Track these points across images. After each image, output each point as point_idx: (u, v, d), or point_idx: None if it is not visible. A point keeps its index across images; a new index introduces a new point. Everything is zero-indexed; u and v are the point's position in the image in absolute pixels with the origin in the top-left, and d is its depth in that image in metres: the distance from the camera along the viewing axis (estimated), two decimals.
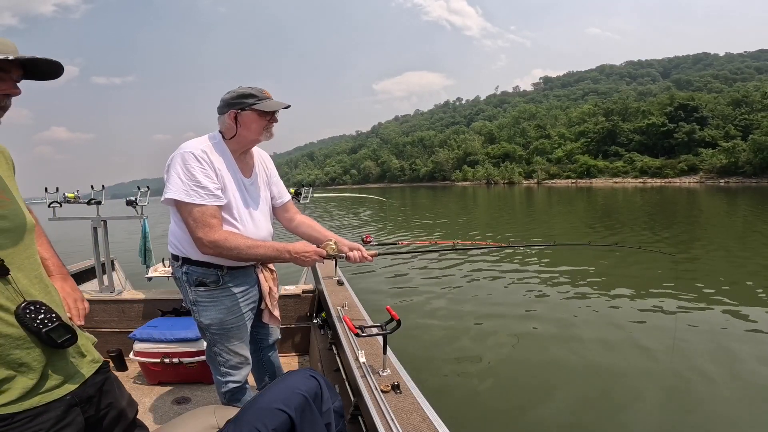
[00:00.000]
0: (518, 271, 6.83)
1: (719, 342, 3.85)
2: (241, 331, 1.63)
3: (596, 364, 3.51)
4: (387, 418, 1.13)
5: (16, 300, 0.85)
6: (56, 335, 0.87)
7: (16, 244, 0.89)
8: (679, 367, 3.39)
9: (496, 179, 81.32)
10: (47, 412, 0.87)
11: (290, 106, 1.59)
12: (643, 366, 3.44)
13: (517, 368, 3.52)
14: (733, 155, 52.35)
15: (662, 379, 3.21)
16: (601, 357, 3.63)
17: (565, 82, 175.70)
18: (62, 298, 1.03)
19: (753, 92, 64.72)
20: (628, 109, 76.40)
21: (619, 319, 4.50)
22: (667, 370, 3.34)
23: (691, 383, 3.14)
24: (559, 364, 3.54)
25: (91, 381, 0.99)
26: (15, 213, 0.91)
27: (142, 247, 3.15)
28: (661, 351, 3.67)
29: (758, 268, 6.69)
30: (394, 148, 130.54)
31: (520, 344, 3.96)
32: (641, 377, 3.26)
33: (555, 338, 4.05)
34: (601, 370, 3.42)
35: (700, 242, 9.47)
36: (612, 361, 3.55)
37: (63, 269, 1.16)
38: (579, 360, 3.59)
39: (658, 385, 3.13)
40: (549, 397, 3.05)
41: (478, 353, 3.80)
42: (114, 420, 1.04)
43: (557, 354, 3.71)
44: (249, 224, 1.57)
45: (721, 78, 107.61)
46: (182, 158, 1.43)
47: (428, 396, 1.23)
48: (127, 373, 2.57)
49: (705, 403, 2.91)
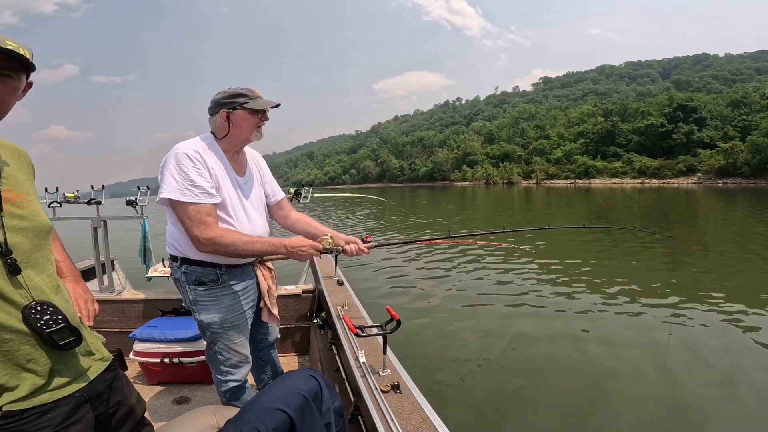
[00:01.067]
0: (518, 270, 6.84)
1: (714, 342, 3.87)
2: (241, 330, 1.64)
3: (596, 364, 3.52)
4: (387, 418, 1.13)
5: (26, 299, 0.87)
6: (58, 337, 0.88)
7: (33, 244, 0.91)
8: (672, 366, 3.40)
9: (495, 179, 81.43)
10: (56, 409, 0.88)
11: (280, 105, 1.60)
12: (643, 366, 3.45)
13: (517, 368, 3.53)
14: (732, 156, 52.49)
15: (659, 380, 3.22)
16: (601, 357, 3.63)
17: (565, 82, 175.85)
18: (74, 300, 1.05)
19: (752, 93, 64.87)
20: (627, 110, 76.58)
21: (618, 319, 4.51)
22: (666, 371, 3.35)
23: (683, 384, 3.15)
24: (559, 363, 3.55)
25: (101, 378, 1.00)
26: (34, 214, 0.93)
27: (142, 247, 3.15)
28: (658, 351, 3.69)
29: (753, 268, 6.71)
30: (394, 148, 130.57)
31: (520, 344, 3.97)
32: (640, 377, 3.27)
33: (555, 338, 4.06)
34: (601, 370, 3.42)
35: (698, 242, 9.50)
36: (612, 361, 3.56)
37: (75, 271, 1.18)
38: (580, 360, 3.60)
39: (657, 384, 3.14)
40: (549, 396, 3.05)
41: (479, 353, 3.80)
42: (123, 417, 1.06)
43: (558, 354, 3.72)
44: (245, 222, 1.58)
45: (720, 79, 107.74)
46: (176, 158, 1.45)
47: (428, 396, 1.23)
48: (127, 373, 2.54)
49: (698, 403, 2.92)
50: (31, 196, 0.95)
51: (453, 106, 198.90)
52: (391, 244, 1.76)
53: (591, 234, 10.22)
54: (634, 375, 3.32)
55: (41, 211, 0.97)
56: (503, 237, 9.63)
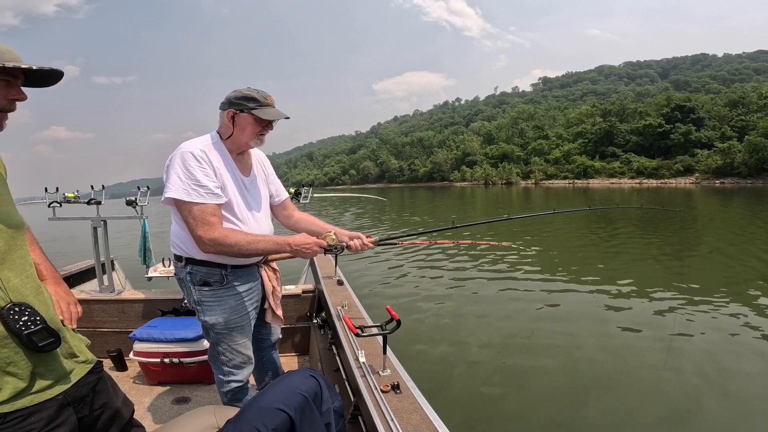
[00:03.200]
0: (519, 271, 6.85)
1: (714, 343, 3.88)
2: (245, 331, 1.64)
3: (597, 363, 3.53)
4: (387, 418, 1.13)
5: (3, 300, 0.86)
6: (37, 338, 0.87)
7: (8, 245, 0.90)
8: (675, 366, 3.41)
9: (494, 180, 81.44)
10: (39, 412, 0.88)
11: (289, 118, 1.59)
12: (644, 366, 3.46)
13: (517, 368, 3.54)
14: (729, 156, 52.51)
15: (660, 380, 3.23)
16: (602, 356, 3.64)
17: (564, 82, 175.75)
18: (55, 302, 1.04)
19: (750, 93, 64.94)
20: (626, 110, 76.64)
21: (618, 318, 4.52)
22: (664, 370, 3.36)
23: (685, 384, 3.16)
24: (559, 363, 3.56)
25: (84, 381, 0.99)
26: (7, 214, 0.93)
27: (142, 247, 3.15)
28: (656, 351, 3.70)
29: (747, 269, 6.73)
30: (393, 149, 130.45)
31: (520, 344, 3.98)
32: (641, 376, 3.28)
33: (555, 338, 4.07)
34: (602, 369, 3.43)
35: (695, 240, 9.52)
36: (612, 360, 3.57)
37: (56, 273, 1.17)
38: (580, 359, 3.60)
39: (657, 384, 3.15)
40: (549, 396, 3.06)
41: (479, 353, 3.81)
42: (109, 420, 1.05)
43: (558, 354, 3.73)
44: (250, 222, 1.58)
45: (719, 79, 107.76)
46: (181, 158, 1.44)
47: (428, 396, 1.23)
48: (127, 373, 2.58)
49: (698, 405, 2.93)
50: (3, 196, 0.95)
51: (452, 107, 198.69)
52: (395, 238, 1.75)
53: (591, 234, 10.24)
54: (634, 374, 3.33)
55: (15, 211, 0.96)
56: (505, 237, 9.65)
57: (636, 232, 11.18)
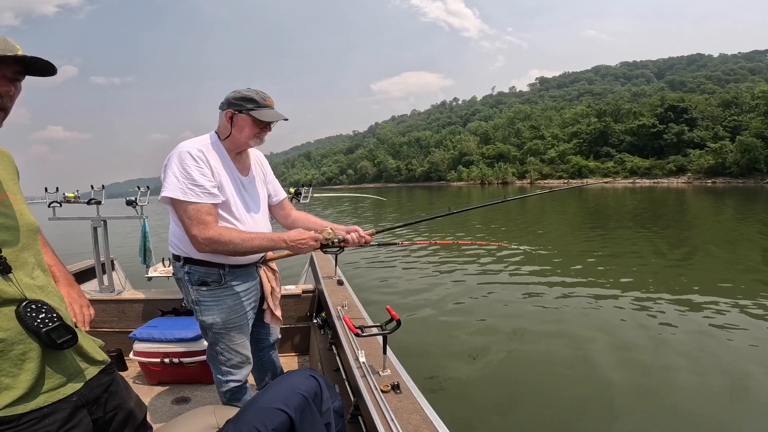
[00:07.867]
0: (519, 271, 6.88)
1: (701, 340, 3.92)
2: (243, 331, 1.64)
3: (597, 362, 3.54)
4: (387, 418, 1.13)
5: (18, 297, 0.86)
6: (56, 335, 0.87)
7: (22, 243, 0.91)
8: (664, 363, 3.46)
9: (490, 179, 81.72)
10: (54, 414, 0.87)
11: (288, 120, 1.59)
12: (644, 365, 3.49)
13: (517, 368, 3.55)
14: (721, 156, 52.85)
15: (658, 379, 3.27)
16: (602, 355, 3.66)
17: (561, 82, 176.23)
18: (68, 304, 1.04)
19: (743, 93, 65.33)
20: (620, 110, 77.04)
21: (615, 318, 4.56)
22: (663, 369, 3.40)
23: (674, 381, 3.20)
24: (559, 363, 3.58)
25: (97, 381, 0.99)
26: (21, 213, 0.93)
27: (142, 247, 3.14)
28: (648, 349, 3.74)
29: (740, 269, 6.80)
30: (391, 149, 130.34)
31: (520, 344, 3.99)
32: (641, 375, 3.30)
33: (554, 338, 4.09)
34: (602, 368, 3.44)
35: (688, 238, 9.60)
36: (613, 359, 3.59)
37: (69, 276, 1.17)
38: (578, 359, 3.62)
39: (656, 383, 3.19)
40: (549, 396, 3.07)
41: (479, 353, 3.82)
42: (123, 421, 1.04)
43: (557, 354, 3.75)
44: (248, 222, 1.59)
45: (714, 79, 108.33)
46: (179, 157, 1.45)
47: (428, 396, 1.24)
48: (127, 373, 2.57)
49: (698, 405, 2.96)
50: (17, 195, 0.95)
51: (450, 107, 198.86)
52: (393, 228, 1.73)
53: (590, 234, 10.31)
54: (634, 374, 3.35)
55: (28, 211, 0.96)
56: (505, 237, 9.69)
57: (636, 231, 11.31)
